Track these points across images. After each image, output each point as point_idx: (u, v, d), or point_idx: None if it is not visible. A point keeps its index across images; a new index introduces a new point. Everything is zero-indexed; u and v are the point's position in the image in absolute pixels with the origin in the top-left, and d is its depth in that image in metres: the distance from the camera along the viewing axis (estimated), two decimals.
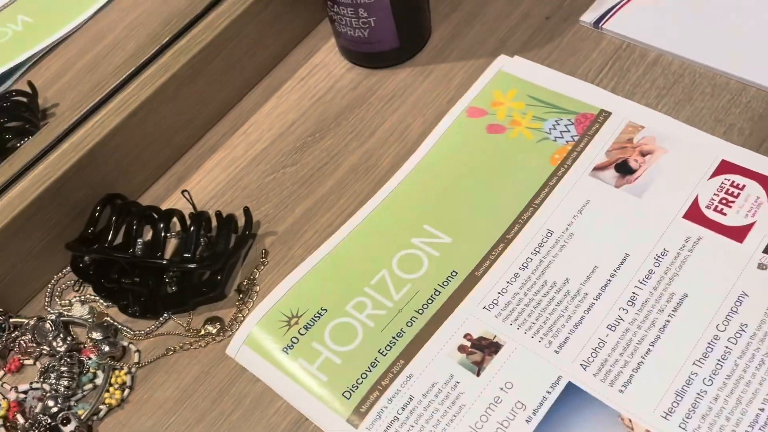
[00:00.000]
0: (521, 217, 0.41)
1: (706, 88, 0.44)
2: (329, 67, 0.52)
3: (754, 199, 0.39)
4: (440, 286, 0.39)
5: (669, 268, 0.37)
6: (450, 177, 0.43)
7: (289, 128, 0.49)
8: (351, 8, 0.46)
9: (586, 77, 0.46)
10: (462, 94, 0.47)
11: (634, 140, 0.42)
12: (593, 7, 0.49)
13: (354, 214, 0.43)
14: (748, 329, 0.35)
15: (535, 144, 0.44)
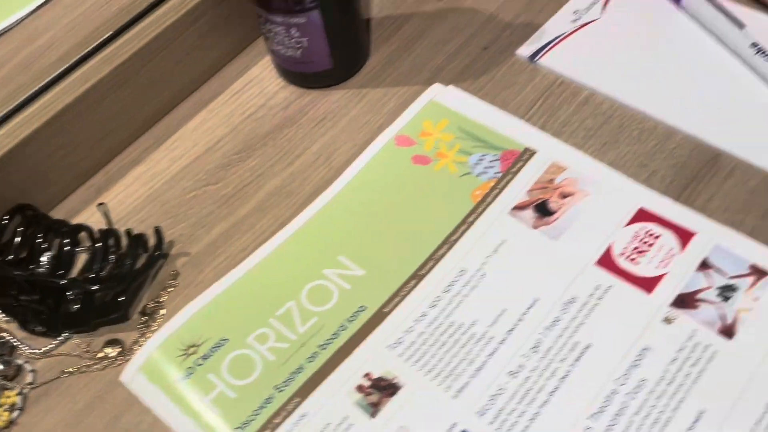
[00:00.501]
0: (436, 253, 0.40)
1: (633, 131, 0.44)
2: (264, 83, 0.51)
3: (668, 250, 0.38)
4: (347, 321, 0.38)
5: (576, 316, 0.37)
6: (371, 207, 0.43)
7: (216, 144, 0.48)
8: (283, 27, 0.45)
9: (517, 112, 0.46)
10: (393, 120, 0.47)
11: (555, 181, 0.42)
12: (530, 41, 0.49)
13: (269, 240, 0.42)
14: (646, 385, 0.34)
15: (458, 178, 0.43)
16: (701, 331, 0.35)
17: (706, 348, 0.35)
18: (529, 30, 0.50)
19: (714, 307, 0.36)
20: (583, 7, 0.50)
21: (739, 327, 0.35)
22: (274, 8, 0.44)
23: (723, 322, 0.36)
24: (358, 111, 0.48)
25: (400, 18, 0.52)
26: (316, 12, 0.44)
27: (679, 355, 0.35)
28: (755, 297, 0.36)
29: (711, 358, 0.35)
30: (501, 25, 0.51)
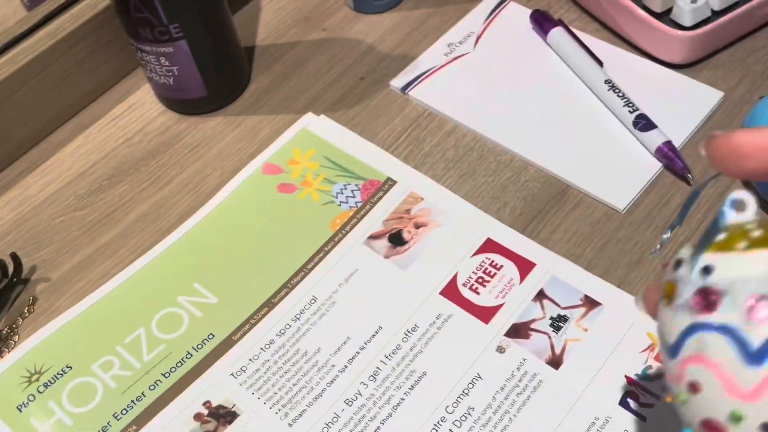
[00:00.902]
0: (291, 281, 0.41)
1: (491, 163, 0.45)
2: (144, 108, 0.51)
3: (508, 281, 0.40)
4: (193, 349, 0.39)
5: (415, 345, 0.38)
6: (232, 235, 0.43)
7: (89, 170, 0.48)
8: (153, 56, 0.46)
9: (384, 142, 0.47)
10: (265, 148, 0.48)
11: (412, 211, 0.43)
12: (404, 72, 0.50)
13: (128, 266, 0.43)
14: (473, 413, 0.35)
15: (320, 207, 0.44)
16: (530, 360, 0.37)
17: (533, 377, 0.36)
18: (406, 61, 0.51)
19: (545, 337, 0.37)
20: (456, 40, 0.51)
21: (566, 357, 0.37)
22: (142, 38, 0.45)
23: (552, 352, 0.37)
24: (233, 138, 0.49)
25: (283, 46, 0.53)
26: (182, 42, 0.45)
27: (507, 384, 0.36)
28: (585, 327, 0.37)
29: (537, 387, 0.36)
30: (380, 56, 0.52)
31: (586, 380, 0.36)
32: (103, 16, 0.49)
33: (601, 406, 0.35)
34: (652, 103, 0.45)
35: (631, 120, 0.44)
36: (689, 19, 0.45)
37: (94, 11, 0.49)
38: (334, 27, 0.54)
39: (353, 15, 0.55)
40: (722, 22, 0.46)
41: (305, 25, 0.54)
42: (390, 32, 0.53)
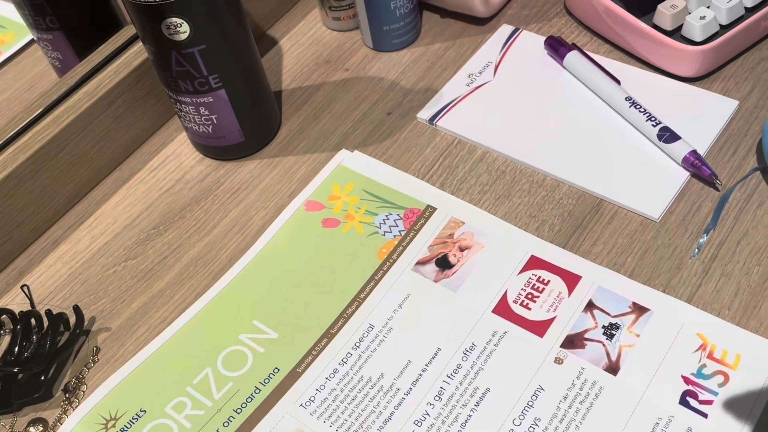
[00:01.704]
0: (346, 311, 0.43)
1: (524, 184, 0.47)
2: (181, 158, 0.53)
3: (557, 295, 0.41)
4: (261, 384, 0.40)
5: (475, 363, 0.39)
6: (283, 271, 0.45)
7: (135, 220, 0.50)
8: (192, 106, 0.48)
9: (418, 172, 0.49)
10: (304, 187, 0.49)
11: (455, 235, 0.45)
12: (429, 105, 0.52)
13: (186, 310, 0.44)
14: (541, 423, 0.37)
15: (365, 238, 0.46)
16: (589, 369, 0.38)
17: (594, 384, 0.38)
18: (429, 94, 0.53)
19: (600, 345, 0.39)
20: (476, 70, 0.54)
21: (622, 363, 0.38)
22: (182, 90, 0.47)
23: (608, 359, 0.38)
24: (271, 179, 0.51)
25: (309, 89, 0.56)
26: (221, 91, 0.47)
27: (569, 393, 0.38)
28: (636, 333, 0.39)
29: (598, 394, 0.37)
30: (403, 91, 0.54)
31: (644, 383, 0.37)
32: (139, 71, 0.51)
33: (663, 407, 0.36)
34: (671, 116, 0.47)
35: (655, 133, 0.46)
36: (699, 35, 0.48)
37: (130, 68, 0.51)
38: (356, 67, 0.56)
39: (373, 54, 0.57)
40: (730, 35, 0.48)
41: (328, 67, 0.57)
42: (410, 68, 0.55)
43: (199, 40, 0.44)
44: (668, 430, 0.36)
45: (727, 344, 0.38)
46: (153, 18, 0.43)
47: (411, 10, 0.55)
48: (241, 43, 0.47)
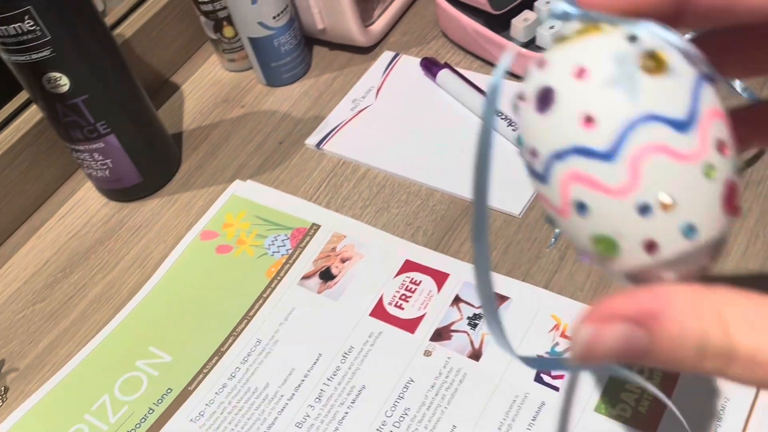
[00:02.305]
0: (236, 329, 0.45)
1: (402, 196, 0.50)
2: (87, 203, 0.56)
3: (427, 293, 0.44)
4: (154, 404, 0.42)
5: (353, 364, 0.42)
6: (179, 298, 0.48)
7: (43, 266, 0.52)
8: (87, 153, 0.51)
9: (306, 194, 0.52)
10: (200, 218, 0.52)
11: (337, 249, 0.48)
12: (317, 131, 0.56)
13: (88, 344, 0.46)
14: (410, 412, 0.39)
15: (255, 260, 0.48)
16: (454, 358, 0.41)
17: (459, 371, 0.40)
18: (317, 121, 0.57)
19: (465, 335, 0.42)
20: (360, 96, 0.57)
21: (484, 349, 0.41)
22: (74, 139, 0.50)
23: (472, 347, 0.41)
24: (171, 215, 0.53)
25: (208, 127, 0.59)
26: (111, 136, 0.50)
27: (437, 382, 0.40)
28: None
29: (462, 380, 0.40)
30: (294, 121, 0.57)
31: (503, 366, 0.40)
32: (40, 126, 0.54)
33: (519, 386, 0.39)
34: None
35: (516, 137, 0.49)
36: (550, 43, 0.51)
37: (30, 124, 0.54)
38: (251, 103, 0.60)
39: (267, 90, 0.60)
40: None
41: (225, 106, 0.60)
42: (301, 99, 0.59)
43: (81, 90, 0.47)
44: (524, 406, 0.38)
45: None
46: (34, 74, 0.46)
47: (296, 47, 0.59)
48: (125, 88, 0.50)
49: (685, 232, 0.20)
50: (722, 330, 0.19)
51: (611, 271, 0.22)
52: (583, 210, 0.21)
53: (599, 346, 0.21)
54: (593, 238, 0.21)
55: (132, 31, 0.59)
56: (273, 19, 0.56)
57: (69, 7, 0.46)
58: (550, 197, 0.22)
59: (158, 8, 0.61)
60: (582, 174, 0.20)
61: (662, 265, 0.21)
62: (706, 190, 0.20)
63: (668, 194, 0.20)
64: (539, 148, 0.22)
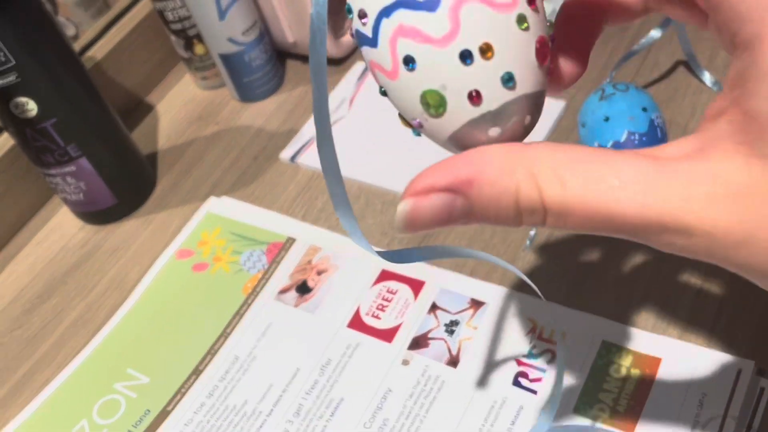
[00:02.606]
0: (213, 347, 0.45)
1: (377, 205, 0.50)
2: (64, 228, 0.56)
3: (404, 302, 0.44)
4: (133, 427, 0.42)
5: (331, 376, 0.42)
6: (157, 319, 0.47)
7: (21, 293, 0.52)
8: (59, 177, 0.51)
9: (282, 208, 0.52)
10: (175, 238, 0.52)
11: (313, 261, 0.47)
12: (290, 145, 0.55)
13: (64, 368, 0.46)
14: (389, 423, 0.39)
15: (232, 276, 0.48)
16: (432, 366, 0.41)
17: (437, 379, 0.40)
18: (291, 135, 0.57)
19: (442, 342, 0.41)
20: (333, 107, 0.57)
21: (462, 355, 0.41)
22: (46, 163, 0.50)
23: (450, 354, 0.41)
24: (147, 235, 0.53)
25: (182, 146, 0.59)
26: (82, 159, 0.50)
27: (415, 391, 0.40)
28: (474, 326, 0.42)
29: (440, 387, 0.40)
30: (268, 135, 0.57)
31: (481, 371, 0.40)
32: (13, 152, 0.54)
33: (497, 390, 0.39)
34: None
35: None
36: None
37: (2, 151, 0.54)
38: (225, 119, 0.60)
39: (241, 105, 0.60)
40: None
41: (200, 124, 0.60)
42: (275, 113, 0.59)
43: (49, 114, 0.47)
44: (502, 411, 0.38)
45: (554, 323, 0.40)
46: (1, 100, 0.46)
47: (267, 61, 0.59)
48: (94, 111, 0.50)
49: (505, 82, 0.21)
50: (533, 184, 0.20)
51: (442, 139, 0.23)
52: (411, 64, 0.21)
53: (419, 218, 0.22)
54: (422, 96, 0.22)
55: (103, 53, 0.59)
56: (242, 34, 0.56)
57: (33, 32, 0.46)
58: (381, 61, 0.22)
59: (128, 30, 0.61)
60: (407, 27, 0.21)
61: (487, 118, 0.21)
62: (520, 40, 0.21)
63: (486, 41, 0.21)
64: (367, 8, 0.22)
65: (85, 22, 0.71)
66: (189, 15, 0.57)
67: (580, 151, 0.21)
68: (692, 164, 0.20)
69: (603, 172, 0.20)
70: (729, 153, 0.20)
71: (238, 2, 0.55)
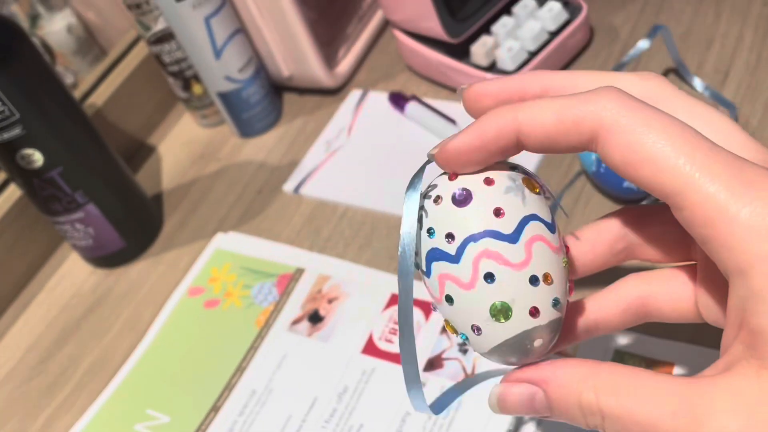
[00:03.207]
0: (230, 382, 0.45)
1: (383, 230, 0.51)
2: (75, 274, 0.56)
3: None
4: None
5: (349, 403, 0.42)
6: (172, 358, 0.48)
7: (36, 342, 0.53)
8: (68, 224, 0.51)
9: (288, 239, 0.52)
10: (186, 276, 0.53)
11: (323, 290, 0.48)
12: (293, 176, 0.56)
13: (84, 414, 0.46)
14: None
15: (244, 310, 0.49)
16: (449, 386, 0.41)
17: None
18: (293, 167, 0.57)
19: (456, 362, 0.42)
20: (333, 136, 0.58)
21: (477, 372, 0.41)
22: (54, 212, 0.50)
23: (464, 373, 0.41)
24: (158, 276, 0.54)
25: (186, 184, 0.60)
26: (90, 205, 0.51)
27: None
28: None
29: (458, 408, 0.40)
30: (270, 168, 0.58)
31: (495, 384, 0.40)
32: (21, 202, 0.55)
33: None
34: None
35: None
36: (511, 64, 0.52)
37: (11, 202, 0.55)
38: (227, 156, 0.61)
39: (241, 141, 0.61)
40: (540, 60, 0.53)
41: (202, 161, 0.61)
42: (276, 146, 0.60)
43: (55, 163, 0.48)
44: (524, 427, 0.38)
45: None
46: (7, 153, 0.47)
47: (264, 96, 0.60)
48: (99, 157, 0.51)
49: (554, 304, 0.27)
50: (594, 393, 0.25)
51: (494, 344, 0.27)
52: (490, 280, 0.26)
53: (508, 402, 0.28)
54: (493, 305, 0.26)
55: (103, 99, 0.61)
56: (239, 72, 0.57)
57: (35, 85, 0.47)
58: (458, 275, 0.27)
59: (126, 75, 0.62)
60: (492, 251, 0.26)
61: (537, 330, 0.27)
62: (564, 276, 0.28)
63: (547, 271, 0.27)
64: (456, 233, 0.27)
65: (83, 69, 0.73)
66: (185, 56, 0.58)
67: (630, 372, 0.25)
68: (718, 381, 0.24)
69: (648, 390, 0.24)
70: (744, 368, 0.23)
71: (233, 41, 0.56)
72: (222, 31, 0.55)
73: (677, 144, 0.24)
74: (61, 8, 0.71)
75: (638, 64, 0.54)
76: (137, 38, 0.64)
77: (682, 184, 0.23)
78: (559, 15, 0.54)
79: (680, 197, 0.24)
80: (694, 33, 0.54)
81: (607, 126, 0.25)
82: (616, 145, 0.24)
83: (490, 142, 0.26)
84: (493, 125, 0.27)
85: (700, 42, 0.54)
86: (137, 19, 0.56)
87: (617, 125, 0.24)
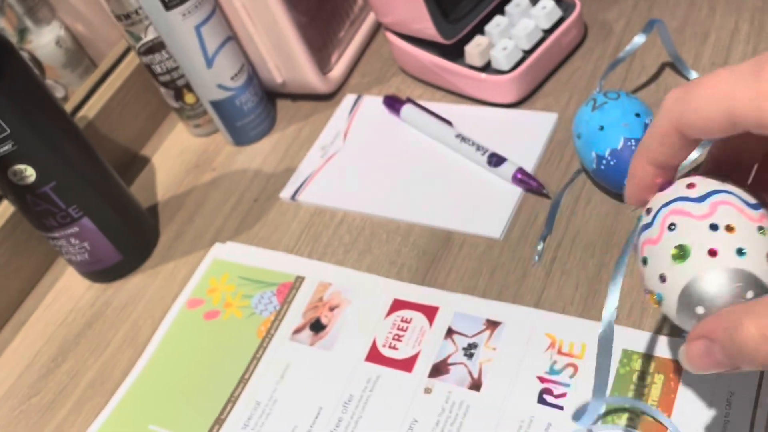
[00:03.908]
0: (233, 394, 0.45)
1: (382, 235, 0.50)
2: (72, 289, 0.55)
3: (419, 330, 0.44)
4: None
5: (354, 412, 0.41)
6: (174, 371, 0.47)
7: (35, 358, 0.52)
8: (63, 239, 0.51)
9: (287, 247, 0.52)
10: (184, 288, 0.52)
11: (324, 298, 0.47)
12: (289, 183, 0.56)
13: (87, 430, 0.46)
14: None
15: (244, 321, 0.48)
16: (455, 392, 0.40)
17: (461, 404, 0.40)
18: (289, 173, 0.57)
19: (462, 366, 0.41)
20: (328, 142, 0.57)
21: (484, 378, 0.40)
22: (48, 227, 0.50)
23: (471, 378, 0.41)
24: (155, 288, 0.53)
25: (182, 195, 0.59)
26: (84, 219, 0.50)
27: (440, 418, 0.40)
28: (493, 347, 0.41)
29: (466, 412, 0.39)
30: (266, 176, 0.58)
31: (505, 392, 0.39)
32: (15, 218, 0.54)
33: (523, 410, 0.39)
34: (500, 141, 0.51)
35: (485, 161, 0.50)
36: (506, 64, 0.52)
37: (4, 218, 0.54)
38: (222, 165, 0.60)
39: (236, 149, 0.61)
40: (535, 58, 0.53)
41: (197, 171, 0.60)
42: (270, 154, 0.59)
43: (48, 178, 0.47)
44: (531, 430, 0.38)
45: (573, 337, 0.40)
46: None
47: (258, 103, 0.59)
48: (92, 170, 0.50)
49: (738, 253, 0.28)
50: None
51: (680, 287, 0.29)
52: (672, 227, 0.29)
53: (692, 360, 0.28)
54: (674, 248, 0.29)
55: (95, 111, 0.60)
56: (231, 79, 0.57)
57: (25, 100, 0.46)
58: (651, 235, 0.30)
59: (117, 86, 0.61)
60: (677, 209, 0.30)
61: (719, 271, 0.28)
62: (759, 238, 0.29)
63: (731, 223, 0.29)
64: (653, 206, 0.31)
65: (73, 82, 0.72)
66: (176, 66, 0.58)
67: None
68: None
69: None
70: None
71: (224, 49, 0.56)
72: (213, 39, 0.55)
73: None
74: (49, 21, 0.70)
75: (634, 59, 0.54)
76: (127, 49, 0.63)
77: None
78: (553, 13, 0.53)
79: None
80: (689, 26, 0.54)
81: None
82: None
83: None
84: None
85: (695, 35, 0.53)
86: (126, 29, 0.56)
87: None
